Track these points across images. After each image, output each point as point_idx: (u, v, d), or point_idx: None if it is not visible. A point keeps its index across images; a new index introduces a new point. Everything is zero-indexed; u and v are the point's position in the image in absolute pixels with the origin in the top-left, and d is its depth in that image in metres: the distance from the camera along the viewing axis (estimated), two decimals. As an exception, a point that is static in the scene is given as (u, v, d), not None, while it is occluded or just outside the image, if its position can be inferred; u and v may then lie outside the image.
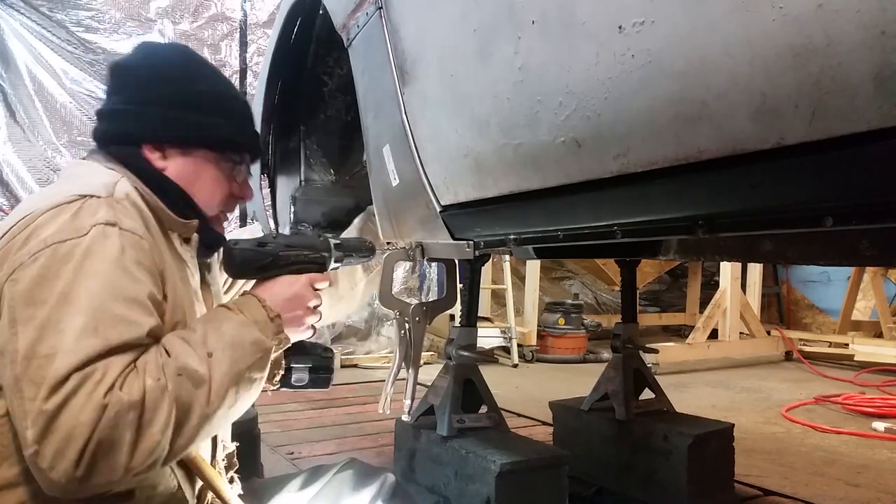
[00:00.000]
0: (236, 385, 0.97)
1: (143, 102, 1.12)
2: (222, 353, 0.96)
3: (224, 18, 5.39)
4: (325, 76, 2.13)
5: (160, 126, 1.12)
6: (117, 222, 0.96)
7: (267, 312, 1.06)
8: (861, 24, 0.58)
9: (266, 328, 1.04)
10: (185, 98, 1.13)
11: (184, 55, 1.20)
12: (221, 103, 1.18)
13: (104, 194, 0.99)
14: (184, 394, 0.90)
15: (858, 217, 0.73)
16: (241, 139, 1.20)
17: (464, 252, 1.47)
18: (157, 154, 1.12)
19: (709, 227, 0.91)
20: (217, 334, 0.99)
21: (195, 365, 0.93)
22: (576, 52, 0.92)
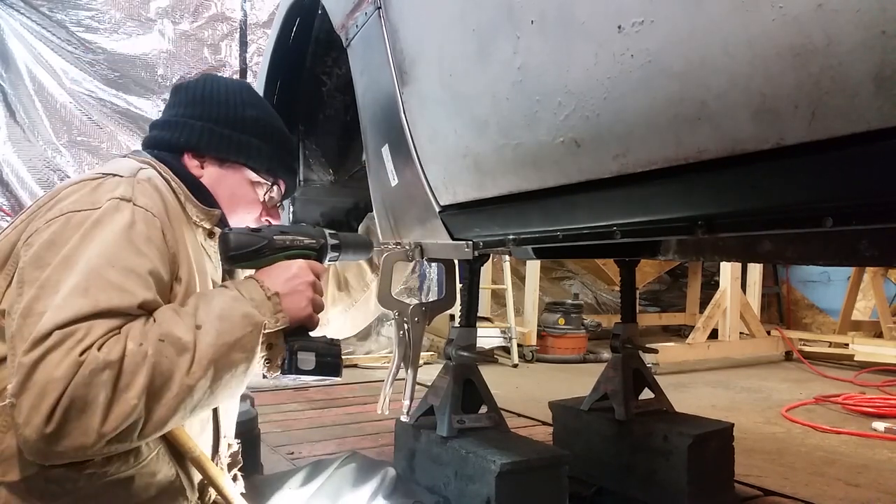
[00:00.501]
0: (224, 358, 0.94)
1: (193, 116, 1.22)
2: (210, 324, 0.95)
3: (224, 18, 5.40)
4: (324, 76, 2.13)
5: (203, 138, 1.20)
6: (132, 198, 1.01)
7: (264, 291, 1.05)
8: (861, 24, 0.58)
9: (262, 305, 1.03)
10: (232, 118, 1.23)
11: (241, 85, 1.31)
12: (266, 129, 1.26)
13: (126, 174, 1.05)
14: (164, 361, 0.89)
15: (858, 217, 0.73)
16: (277, 165, 1.28)
17: (463, 252, 1.47)
18: (196, 162, 1.21)
19: (708, 227, 0.91)
20: (207, 307, 0.98)
21: (180, 333, 0.92)
22: (575, 52, 0.91)
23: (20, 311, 0.89)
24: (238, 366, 0.97)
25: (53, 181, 4.70)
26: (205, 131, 1.21)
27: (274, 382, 1.22)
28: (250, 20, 5.51)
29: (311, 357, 1.09)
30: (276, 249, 1.12)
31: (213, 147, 1.21)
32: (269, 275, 1.09)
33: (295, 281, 1.09)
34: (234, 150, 1.22)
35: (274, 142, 1.27)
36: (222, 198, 1.22)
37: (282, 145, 1.30)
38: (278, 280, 1.08)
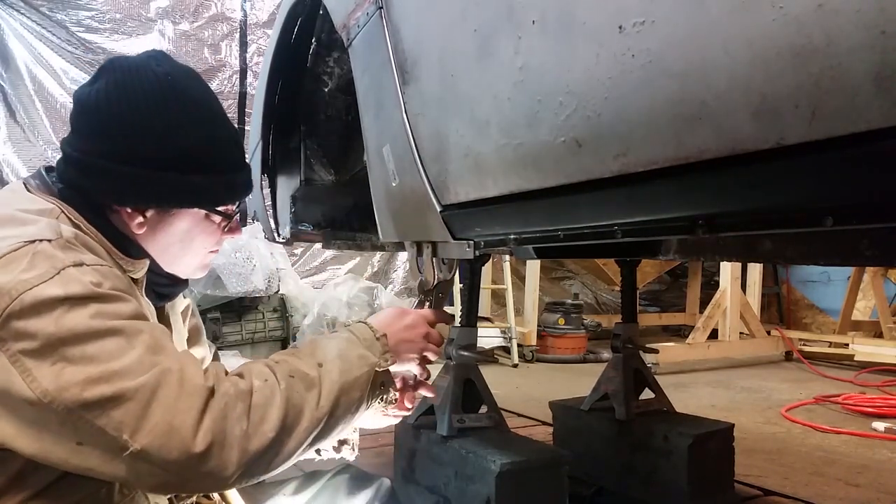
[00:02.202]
0: (345, 395, 0.97)
1: (119, 160, 0.97)
2: (331, 363, 0.98)
3: (224, 18, 5.40)
4: (326, 76, 2.13)
5: (144, 191, 0.99)
6: (82, 261, 0.87)
7: (373, 333, 1.08)
8: (861, 24, 0.58)
9: (373, 346, 1.06)
10: (172, 154, 0.99)
11: (162, 91, 1.00)
12: (215, 156, 1.04)
13: (53, 237, 0.88)
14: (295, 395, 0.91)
15: (858, 217, 0.74)
16: (233, 192, 1.09)
17: (464, 252, 1.47)
18: (138, 219, 1.01)
19: (709, 227, 0.91)
20: (323, 349, 1.01)
21: (306, 369, 0.94)
22: (576, 52, 0.92)
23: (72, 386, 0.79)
24: (355, 403, 1.00)
25: (54, 181, 4.70)
26: (142, 183, 0.97)
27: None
28: (250, 20, 5.52)
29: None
30: None
31: (154, 199, 1.00)
32: (380, 318, 1.14)
33: (407, 330, 1.14)
34: (180, 197, 1.02)
35: (225, 165, 1.05)
36: (173, 243, 1.05)
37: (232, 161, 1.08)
38: (390, 324, 1.12)
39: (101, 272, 0.88)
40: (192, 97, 1.03)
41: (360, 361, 1.02)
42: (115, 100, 0.98)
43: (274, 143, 2.33)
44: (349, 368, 1.00)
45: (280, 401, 0.88)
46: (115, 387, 0.80)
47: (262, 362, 0.95)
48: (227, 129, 1.09)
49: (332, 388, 0.95)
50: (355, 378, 1.00)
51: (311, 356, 0.98)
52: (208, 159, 1.03)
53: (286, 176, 2.40)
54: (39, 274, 0.82)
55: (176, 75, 1.04)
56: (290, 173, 2.36)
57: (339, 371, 0.98)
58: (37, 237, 0.87)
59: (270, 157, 2.35)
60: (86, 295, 0.84)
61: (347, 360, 1.00)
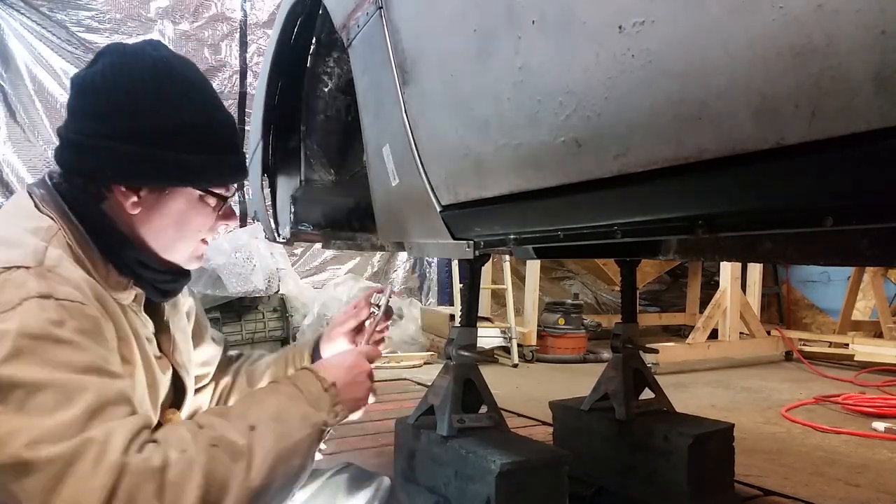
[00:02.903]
0: (282, 464, 0.88)
1: (115, 137, 0.97)
2: (265, 427, 0.88)
3: (224, 18, 5.40)
4: (326, 76, 2.13)
5: (137, 168, 0.98)
6: (52, 293, 0.84)
7: (321, 383, 0.99)
8: (861, 24, 0.58)
9: (319, 400, 0.97)
10: (163, 133, 0.98)
11: (157, 72, 1.00)
12: (207, 135, 1.03)
13: (33, 264, 0.86)
14: (219, 468, 0.81)
15: (858, 217, 0.74)
16: (227, 173, 1.08)
17: (464, 252, 1.47)
18: (132, 198, 0.99)
19: (709, 227, 0.91)
20: (259, 407, 0.91)
21: (232, 437, 0.84)
22: (576, 52, 0.92)
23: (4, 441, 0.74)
24: (297, 471, 0.92)
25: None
26: (136, 160, 0.97)
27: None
28: (250, 20, 5.52)
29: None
30: None
31: (152, 177, 0.99)
32: (326, 364, 1.07)
33: (354, 371, 1.07)
34: (174, 174, 1.00)
35: (217, 145, 1.05)
36: (167, 226, 1.03)
37: (225, 143, 1.07)
38: (337, 370, 1.05)
39: (68, 309, 0.84)
40: (186, 79, 1.04)
41: (301, 423, 0.92)
42: (110, 81, 0.98)
43: (274, 143, 2.33)
44: (287, 433, 0.90)
45: (199, 477, 0.79)
46: (34, 452, 0.74)
47: (184, 427, 0.86)
48: (222, 112, 1.09)
49: (266, 457, 0.85)
50: (294, 443, 0.90)
51: (242, 418, 0.88)
52: (202, 139, 1.02)
53: (286, 176, 2.40)
54: (2, 303, 0.80)
55: (171, 59, 1.04)
56: (290, 173, 2.36)
57: (276, 436, 0.88)
58: (14, 263, 0.85)
59: (270, 157, 2.35)
60: (38, 335, 0.80)
61: (286, 423, 0.90)
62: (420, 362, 4.66)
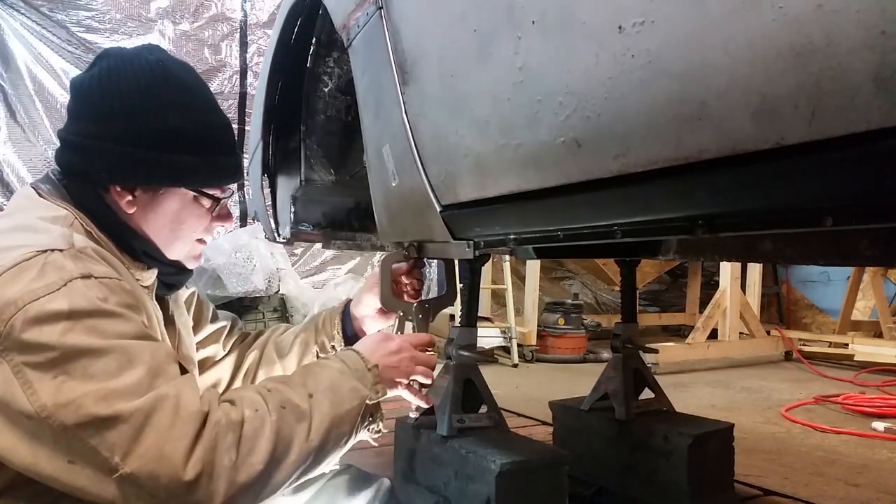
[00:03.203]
0: (336, 428, 0.97)
1: (107, 138, 1.00)
2: (322, 395, 0.97)
3: (224, 19, 5.40)
4: (326, 76, 2.13)
5: (128, 167, 1.01)
6: (91, 272, 0.89)
7: (365, 363, 1.08)
8: (861, 24, 0.59)
9: (364, 378, 1.06)
10: (157, 135, 1.01)
11: (154, 75, 1.03)
12: (201, 137, 1.06)
13: (65, 246, 0.90)
14: (285, 426, 0.90)
15: (858, 217, 0.74)
16: (220, 175, 1.10)
17: (464, 252, 1.47)
18: (127, 197, 1.03)
19: (709, 227, 0.91)
20: (315, 378, 1.00)
21: (297, 401, 0.93)
22: (576, 52, 0.92)
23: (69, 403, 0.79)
24: (345, 436, 1.01)
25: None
26: (128, 161, 1.00)
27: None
28: (250, 20, 5.52)
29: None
30: None
31: (143, 178, 1.02)
32: (369, 346, 1.14)
33: (394, 357, 1.14)
34: (169, 176, 1.03)
35: (212, 147, 1.07)
36: (163, 225, 1.06)
37: (220, 145, 1.10)
38: (379, 353, 1.12)
39: (109, 286, 0.89)
40: (182, 82, 1.06)
41: (351, 394, 1.02)
42: (107, 83, 1.01)
43: (274, 143, 2.33)
44: (340, 401, 0.99)
45: (270, 433, 0.87)
46: (111, 408, 0.80)
47: (253, 389, 0.94)
48: (217, 115, 1.11)
49: (323, 421, 0.95)
50: (346, 411, 0.99)
51: (302, 386, 0.97)
52: (195, 141, 1.05)
53: (286, 176, 2.40)
54: (47, 284, 0.84)
55: (167, 63, 1.07)
56: (290, 173, 2.36)
57: (330, 403, 0.97)
58: (49, 246, 0.89)
59: (270, 157, 2.35)
60: (89, 310, 0.84)
61: (338, 393, 1.00)
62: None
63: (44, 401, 0.79)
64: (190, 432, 0.82)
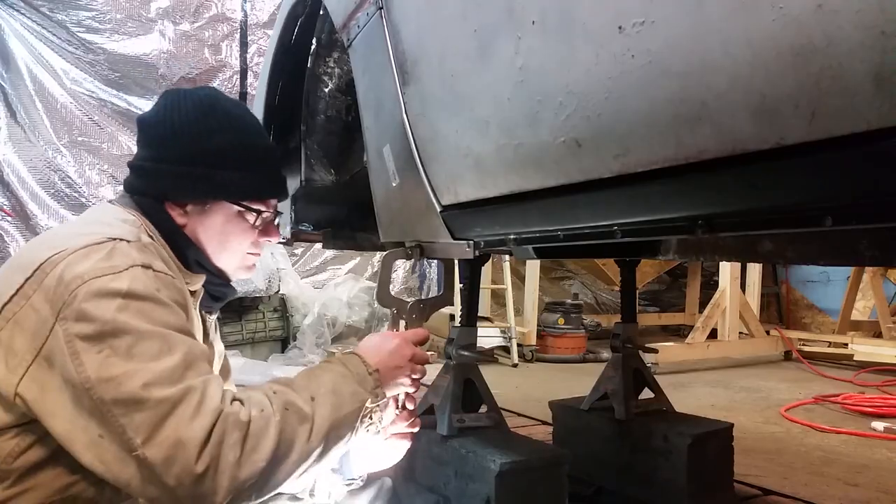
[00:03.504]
0: (335, 431, 1.01)
1: (162, 160, 1.15)
2: (324, 397, 1.01)
3: (224, 19, 5.40)
4: (326, 76, 2.13)
5: (178, 184, 1.14)
6: (151, 264, 0.99)
7: (366, 367, 1.11)
8: (861, 24, 0.59)
9: (364, 382, 1.09)
10: (202, 154, 1.14)
11: (202, 106, 1.18)
12: (240, 155, 1.18)
13: (133, 239, 1.02)
14: (288, 427, 0.94)
15: (858, 217, 0.74)
16: (263, 190, 1.22)
17: (464, 252, 1.47)
18: (179, 210, 1.15)
19: (709, 227, 0.91)
20: (318, 381, 1.04)
21: (300, 403, 0.97)
22: (576, 52, 0.92)
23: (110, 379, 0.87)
24: (344, 438, 1.04)
25: (54, 181, 4.71)
26: (177, 178, 1.14)
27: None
28: (251, 20, 5.52)
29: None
30: None
31: (190, 192, 1.15)
32: (370, 350, 1.16)
33: (394, 357, 1.16)
34: (212, 190, 1.16)
35: (252, 165, 1.19)
36: (212, 237, 1.18)
37: (261, 163, 1.22)
38: (380, 355, 1.15)
39: (163, 280, 0.99)
40: (226, 110, 1.20)
41: (352, 398, 1.05)
42: (162, 116, 1.17)
43: (274, 143, 2.32)
44: (341, 404, 1.03)
45: (274, 433, 0.92)
46: (144, 391, 0.86)
47: (260, 391, 0.98)
48: (259, 138, 1.25)
49: (324, 424, 0.98)
50: (346, 415, 1.03)
51: (305, 389, 1.01)
52: (236, 158, 1.17)
53: (286, 176, 2.40)
54: (113, 265, 0.94)
55: (216, 97, 1.22)
56: (290, 173, 2.36)
57: (332, 406, 1.01)
58: (119, 236, 1.01)
59: (270, 157, 2.35)
60: (145, 295, 0.94)
61: (340, 396, 1.03)
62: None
63: (88, 373, 0.86)
64: (207, 425, 0.87)
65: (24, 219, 4.59)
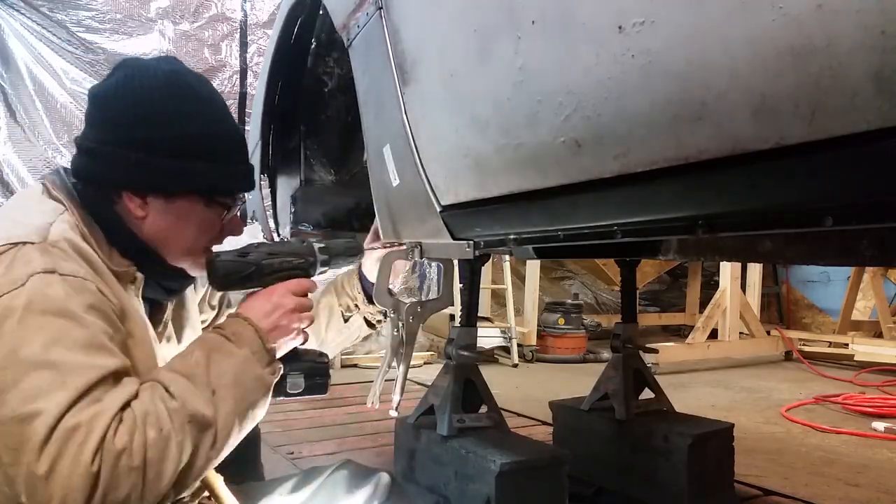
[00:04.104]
0: (241, 422, 0.95)
1: (124, 145, 1.02)
2: (226, 391, 0.93)
3: (224, 19, 5.40)
4: (326, 76, 2.13)
5: (141, 174, 1.03)
6: (56, 268, 0.89)
7: (262, 342, 1.01)
8: (861, 24, 0.59)
9: (263, 358, 1.01)
10: (170, 142, 1.04)
11: (169, 85, 1.06)
12: (211, 146, 1.08)
13: (37, 239, 0.92)
14: (190, 440, 0.87)
15: (858, 217, 0.74)
16: (231, 182, 1.13)
17: (464, 252, 1.47)
18: (138, 201, 1.04)
19: (709, 227, 0.91)
20: (218, 369, 0.95)
21: (202, 409, 0.89)
22: (576, 52, 0.92)
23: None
24: (253, 422, 0.99)
25: (54, 181, 4.70)
26: (140, 166, 1.02)
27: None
28: (250, 20, 5.51)
29: (300, 380, 1.12)
30: (265, 275, 1.11)
31: (155, 184, 1.04)
32: (253, 307, 1.06)
33: (278, 313, 1.06)
34: (180, 183, 1.05)
35: (222, 157, 1.09)
36: (174, 232, 1.08)
37: (232, 154, 1.12)
38: (261, 313, 1.05)
39: (71, 284, 0.90)
40: (195, 92, 1.09)
41: (255, 384, 0.98)
42: (122, 93, 1.05)
43: (274, 143, 2.33)
44: (244, 395, 0.95)
45: (176, 453, 0.85)
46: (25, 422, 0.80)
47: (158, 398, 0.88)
48: (229, 125, 1.14)
49: (227, 423, 0.92)
50: (250, 403, 0.97)
51: (206, 385, 0.92)
52: (207, 148, 1.07)
53: (286, 176, 2.40)
54: (12, 280, 0.87)
55: (183, 74, 1.10)
56: (290, 173, 2.36)
57: (234, 401, 0.93)
58: (21, 239, 0.91)
59: (270, 157, 2.35)
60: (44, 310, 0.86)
61: (242, 386, 0.96)
62: (420, 362, 4.66)
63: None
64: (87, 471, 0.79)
65: (24, 219, 4.59)
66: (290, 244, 1.20)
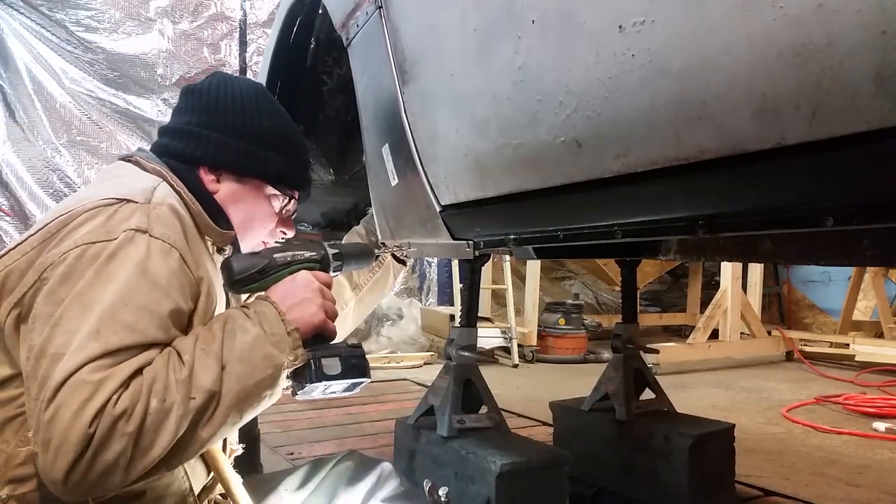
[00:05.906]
0: (244, 402, 0.93)
1: (208, 126, 1.16)
2: (232, 366, 0.93)
3: (223, 18, 5.40)
4: (325, 76, 2.13)
5: (220, 151, 1.16)
6: (148, 229, 0.96)
7: (285, 326, 0.99)
8: (861, 24, 0.58)
9: (282, 342, 0.98)
10: (249, 130, 1.18)
11: (254, 90, 1.23)
12: (283, 141, 1.22)
13: (142, 200, 1.00)
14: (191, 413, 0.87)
15: (859, 217, 0.73)
16: (295, 177, 1.25)
17: (464, 252, 1.47)
18: (212, 177, 1.17)
19: (709, 227, 0.91)
20: (231, 342, 0.95)
21: (208, 383, 0.89)
22: (576, 51, 0.91)
23: (34, 352, 0.86)
24: (258, 403, 0.97)
25: (53, 181, 4.71)
26: (221, 144, 1.16)
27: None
28: (250, 20, 5.51)
29: (335, 362, 1.05)
30: (279, 267, 1.10)
31: (231, 162, 1.17)
32: (279, 293, 1.05)
33: (298, 294, 1.05)
34: (252, 164, 1.18)
35: (291, 153, 1.24)
36: (238, 212, 1.19)
37: (298, 156, 1.27)
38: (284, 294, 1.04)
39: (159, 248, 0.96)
40: (273, 100, 1.26)
41: (263, 363, 0.96)
42: (215, 88, 1.20)
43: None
44: (249, 373, 0.94)
45: (174, 426, 0.86)
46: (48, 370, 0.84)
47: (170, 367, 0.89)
48: (299, 133, 1.31)
49: (228, 401, 0.91)
50: (256, 382, 0.94)
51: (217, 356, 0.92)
52: (280, 143, 1.21)
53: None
54: (107, 231, 0.94)
55: (263, 87, 1.28)
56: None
57: (237, 377, 0.92)
58: (126, 196, 0.99)
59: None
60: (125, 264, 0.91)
61: (249, 363, 0.94)
62: (420, 362, 4.66)
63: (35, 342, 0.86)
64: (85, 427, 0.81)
65: (22, 218, 4.59)
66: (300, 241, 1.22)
